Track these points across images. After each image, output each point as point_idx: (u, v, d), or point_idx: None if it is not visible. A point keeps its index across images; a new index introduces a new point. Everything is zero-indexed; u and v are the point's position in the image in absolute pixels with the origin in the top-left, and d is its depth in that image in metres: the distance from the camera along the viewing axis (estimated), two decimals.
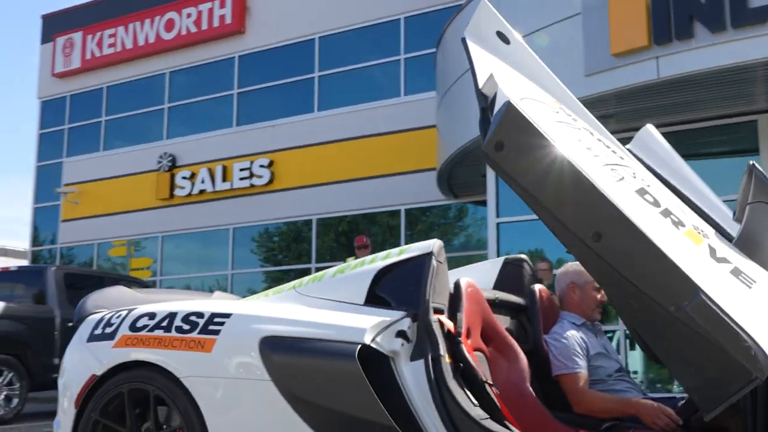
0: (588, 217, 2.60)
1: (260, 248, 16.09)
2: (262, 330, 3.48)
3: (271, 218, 15.60)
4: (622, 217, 2.49)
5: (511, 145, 2.66)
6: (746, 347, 2.29)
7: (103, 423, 3.75)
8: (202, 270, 17.00)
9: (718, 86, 8.60)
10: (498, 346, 3.89)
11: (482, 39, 3.24)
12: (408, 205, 14.14)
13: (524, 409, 3.73)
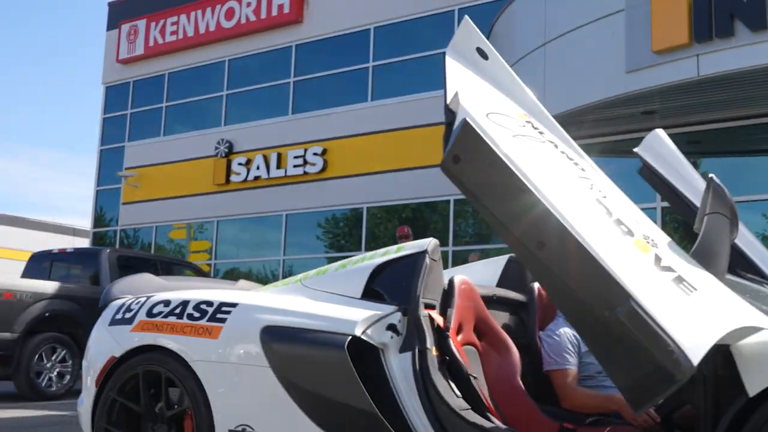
0: (533, 227, 2.77)
1: (313, 235, 16.41)
2: (263, 320, 3.72)
3: (324, 206, 15.86)
4: (563, 228, 2.66)
5: (466, 158, 2.85)
6: (670, 351, 2.44)
7: (120, 401, 4.03)
8: (256, 255, 17.42)
9: (760, 84, 8.54)
10: (491, 341, 4.06)
11: (463, 55, 3.41)
12: (456, 195, 14.26)
13: (513, 401, 3.91)
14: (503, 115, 3.11)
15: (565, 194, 2.80)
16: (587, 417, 3.89)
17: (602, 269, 2.58)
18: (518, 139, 3.00)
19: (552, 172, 2.92)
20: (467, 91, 3.07)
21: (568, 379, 4.06)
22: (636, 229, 2.88)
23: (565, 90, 9.84)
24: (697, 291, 2.70)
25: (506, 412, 3.87)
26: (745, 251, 4.62)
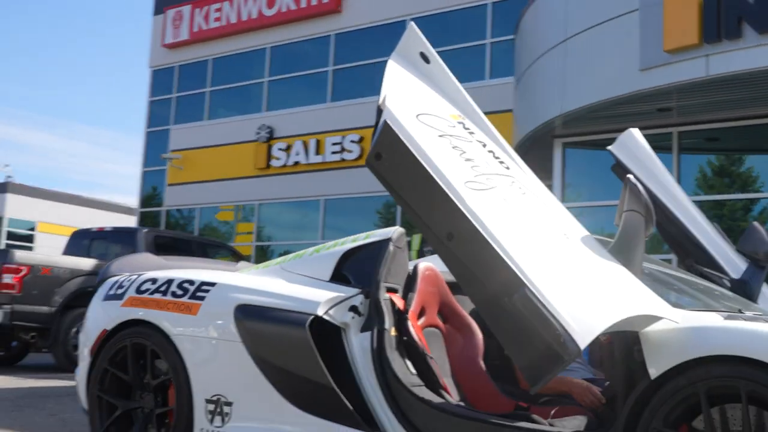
0: (442, 220, 3.05)
1: (350, 219, 16.76)
2: (237, 299, 4.03)
3: (360, 192, 16.17)
4: (468, 222, 2.94)
5: (387, 156, 3.14)
6: (558, 335, 2.70)
7: (111, 371, 4.38)
8: (296, 238, 17.83)
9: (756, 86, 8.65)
10: (455, 324, 4.30)
11: (407, 59, 3.67)
12: None
13: (474, 381, 4.17)
14: (434, 116, 3.36)
15: (476, 190, 3.03)
16: (541, 397, 4.11)
17: (501, 260, 2.85)
18: (443, 139, 3.24)
19: (469, 169, 3.15)
20: (400, 93, 3.33)
21: None
22: (550, 224, 3.10)
23: (583, 86, 9.97)
24: (599, 281, 2.97)
25: (467, 390, 4.13)
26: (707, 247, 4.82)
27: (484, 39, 15.10)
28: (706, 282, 4.54)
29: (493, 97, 14.25)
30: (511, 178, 3.31)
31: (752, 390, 2.79)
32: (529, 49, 11.52)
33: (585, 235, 3.30)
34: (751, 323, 3.01)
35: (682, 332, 3.00)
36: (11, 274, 9.76)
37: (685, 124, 10.27)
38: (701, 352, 2.90)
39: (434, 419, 3.52)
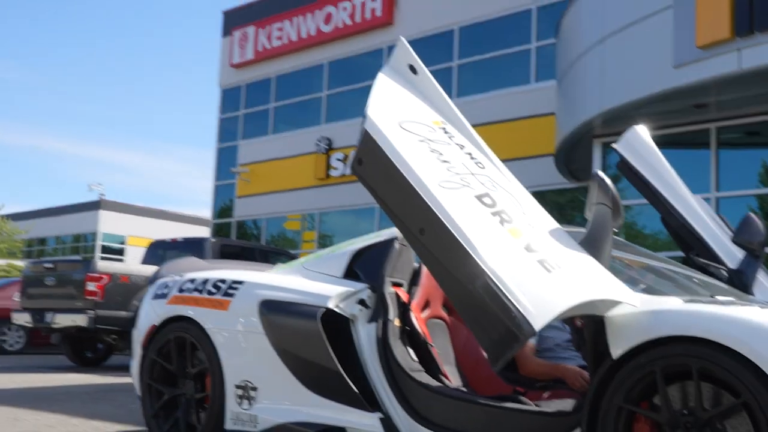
0: (415, 217, 3.43)
1: None
2: (262, 295, 4.56)
3: None
4: (437, 217, 3.32)
5: (368, 161, 3.57)
6: (514, 317, 3.03)
7: (159, 361, 4.97)
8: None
9: None
10: (459, 316, 4.74)
11: (397, 71, 4.10)
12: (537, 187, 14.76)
13: (476, 368, 4.62)
14: (416, 122, 3.78)
15: (449, 189, 3.45)
16: (537, 382, 4.53)
17: (465, 251, 3.22)
18: (423, 143, 3.65)
19: (444, 170, 3.56)
20: (384, 103, 3.78)
21: (525, 350, 4.69)
22: (517, 218, 3.46)
23: (620, 84, 10.24)
24: (560, 269, 3.24)
25: (470, 376, 4.58)
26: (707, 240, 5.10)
27: (529, 44, 15.42)
28: (698, 273, 4.82)
29: (538, 100, 14.59)
30: (485, 176, 3.69)
31: (702, 367, 3.04)
32: (570, 50, 11.84)
33: (553, 227, 3.64)
34: (705, 306, 3.29)
35: (642, 315, 3.28)
36: (94, 282, 10.66)
37: (723, 119, 10.43)
38: (657, 333, 3.17)
39: (430, 401, 3.93)
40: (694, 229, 5.08)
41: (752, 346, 2.93)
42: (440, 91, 4.07)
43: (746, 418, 2.99)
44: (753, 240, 4.76)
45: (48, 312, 10.80)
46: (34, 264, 11.94)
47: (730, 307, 3.22)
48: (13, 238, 41.23)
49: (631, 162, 5.39)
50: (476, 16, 16.42)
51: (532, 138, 14.73)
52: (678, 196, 5.24)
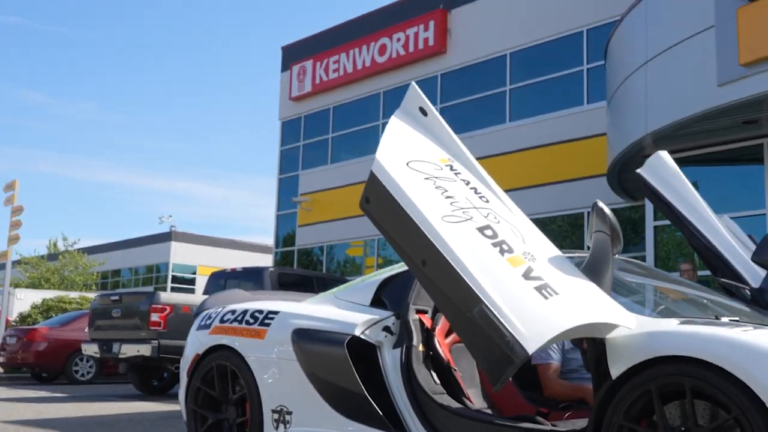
0: (418, 249, 3.64)
1: None
2: (295, 324, 4.81)
3: None
4: (436, 249, 3.53)
5: (374, 199, 3.82)
6: (508, 341, 3.22)
7: (203, 389, 5.26)
8: None
9: None
10: None
11: (408, 114, 4.34)
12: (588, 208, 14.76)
13: (502, 390, 4.76)
14: (423, 161, 4.01)
15: (452, 222, 3.66)
16: (560, 403, 4.67)
17: (463, 280, 3.43)
18: (428, 180, 3.88)
19: (448, 205, 3.77)
20: (393, 145, 4.01)
21: (549, 372, 4.85)
22: (517, 248, 3.64)
23: (665, 105, 10.26)
24: (558, 294, 3.42)
25: (495, 397, 4.74)
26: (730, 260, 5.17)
27: (581, 65, 15.49)
28: (717, 294, 4.90)
29: (591, 121, 14.63)
30: (489, 209, 3.90)
31: (695, 386, 3.17)
32: (616, 72, 11.91)
33: (554, 255, 3.82)
34: (697, 327, 3.42)
35: (639, 336, 3.42)
36: (157, 313, 11.09)
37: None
38: (652, 353, 3.31)
39: (450, 422, 4.10)
40: (718, 250, 5.16)
41: (739, 365, 3.05)
42: (448, 131, 4.30)
43: None
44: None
45: (115, 342, 11.27)
46: (101, 297, 12.47)
47: (721, 328, 3.33)
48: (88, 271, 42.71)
49: (655, 186, 5.49)
50: (528, 41, 16.57)
51: (587, 158, 14.76)
52: (702, 218, 5.32)
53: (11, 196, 18.98)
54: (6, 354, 15.64)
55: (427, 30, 18.38)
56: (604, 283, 3.72)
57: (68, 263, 41.70)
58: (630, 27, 11.46)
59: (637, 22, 11.24)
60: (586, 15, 15.44)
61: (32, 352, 14.98)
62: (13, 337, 15.57)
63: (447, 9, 18.33)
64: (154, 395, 12.04)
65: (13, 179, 19.15)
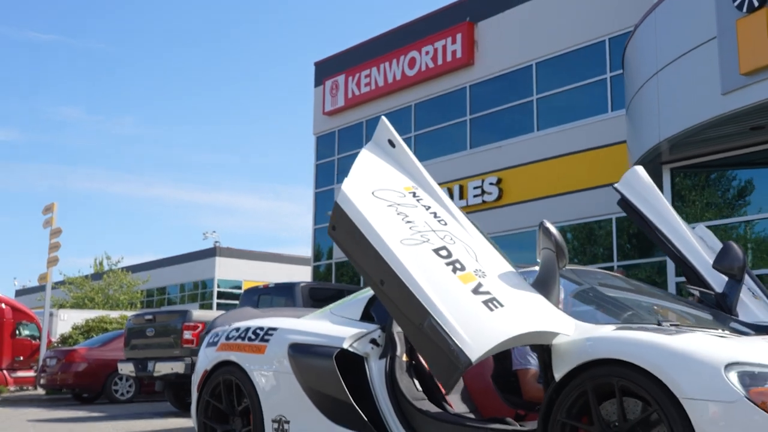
0: (376, 270, 4.02)
1: None
2: (291, 339, 5.23)
3: (501, 230, 17.04)
4: (391, 270, 3.91)
5: (339, 227, 4.19)
6: (453, 350, 3.59)
7: (212, 402, 5.67)
8: None
9: None
10: None
11: (379, 146, 4.73)
12: (617, 214, 14.93)
13: (483, 394, 5.13)
14: (388, 189, 4.39)
15: (409, 245, 4.01)
16: (537, 405, 4.98)
17: (414, 296, 3.80)
18: (391, 207, 4.25)
19: (407, 229, 4.13)
20: (359, 176, 4.39)
21: (528, 376, 5.16)
22: (470, 265, 4.00)
23: (675, 113, 10.47)
24: (503, 307, 3.78)
25: (477, 401, 5.10)
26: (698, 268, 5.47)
27: (605, 74, 15.66)
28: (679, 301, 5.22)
29: (616, 128, 14.78)
30: (446, 232, 4.25)
31: (623, 385, 3.54)
32: (632, 80, 12.12)
33: (505, 271, 4.16)
34: (627, 333, 3.77)
35: (578, 343, 3.81)
36: (190, 330, 11.53)
37: None
38: (588, 357, 3.70)
39: (429, 425, 4.51)
40: (687, 258, 5.49)
41: (655, 364, 3.42)
42: (413, 160, 4.69)
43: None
44: (733, 266, 5.12)
45: (150, 361, 11.69)
46: (136, 316, 12.94)
47: (646, 333, 3.70)
48: (133, 289, 43.57)
49: (631, 200, 5.85)
50: (552, 51, 16.79)
51: (614, 165, 14.90)
52: (672, 229, 5.65)
53: (50, 218, 19.68)
54: (46, 375, 15.92)
55: (454, 43, 18.70)
56: (552, 295, 4.10)
57: (113, 282, 42.58)
58: (642, 38, 11.67)
59: (648, 33, 11.45)
60: (608, 24, 15.62)
61: (71, 372, 15.30)
62: (53, 359, 15.92)
63: (474, 21, 18.63)
64: (188, 411, 12.45)
65: (51, 202, 19.84)
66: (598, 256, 15.58)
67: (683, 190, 11.82)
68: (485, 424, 4.40)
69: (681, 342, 3.49)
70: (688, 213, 11.68)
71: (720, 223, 11.43)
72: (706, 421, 3.25)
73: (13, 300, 22.70)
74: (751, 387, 3.24)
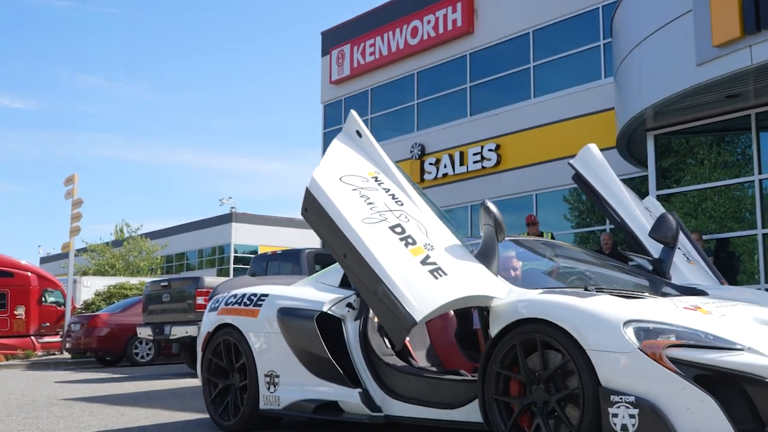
0: (340, 245, 4.68)
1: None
2: (280, 304, 5.93)
3: (500, 195, 17.65)
4: (352, 245, 4.56)
5: (310, 209, 4.85)
6: (401, 312, 4.27)
7: (214, 360, 6.41)
8: None
9: None
10: None
11: (348, 135, 5.37)
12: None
13: (447, 350, 5.86)
14: (354, 175, 5.04)
15: (369, 223, 4.68)
16: None
17: (370, 267, 4.47)
18: (355, 191, 4.90)
19: (368, 209, 4.79)
20: (329, 163, 5.04)
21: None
22: (420, 240, 4.66)
23: (655, 83, 10.98)
24: (447, 276, 4.45)
25: (442, 356, 5.83)
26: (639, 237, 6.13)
27: (598, 41, 16.13)
28: (613, 269, 5.89)
29: (608, 95, 15.27)
30: (401, 211, 4.91)
31: (544, 340, 4.22)
32: (619, 49, 12.61)
33: (452, 244, 4.82)
34: (548, 295, 4.46)
35: (510, 305, 4.50)
36: (202, 296, 12.30)
37: (760, 105, 11.00)
38: (516, 317, 4.39)
39: (394, 377, 5.24)
40: (630, 228, 6.15)
41: (567, 320, 4.13)
42: (377, 148, 5.35)
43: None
44: (667, 234, 5.76)
45: (166, 325, 12.58)
46: (152, 283, 13.78)
47: (564, 296, 4.39)
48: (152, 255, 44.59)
49: (583, 174, 6.51)
50: (549, 19, 17.25)
51: (606, 131, 15.43)
52: (619, 201, 6.31)
53: (71, 189, 20.49)
54: (71, 340, 17.06)
55: (455, 12, 19.17)
56: (492, 264, 4.77)
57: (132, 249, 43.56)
58: (627, 7, 12.14)
59: (631, 4, 11.93)
60: None
61: (95, 337, 16.36)
62: (77, 324, 17.00)
63: None
64: None
65: (73, 173, 20.64)
66: (589, 221, 16.22)
67: (696, 146, 12.32)
68: (440, 375, 5.15)
69: (590, 303, 4.17)
70: (697, 172, 12.20)
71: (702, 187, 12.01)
72: (607, 368, 3.94)
73: (38, 268, 23.66)
74: (644, 340, 3.92)
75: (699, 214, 12.13)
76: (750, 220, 11.39)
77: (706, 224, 11.89)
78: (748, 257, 11.66)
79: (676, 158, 12.57)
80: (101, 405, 8.24)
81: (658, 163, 12.36)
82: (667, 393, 3.81)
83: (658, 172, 12.37)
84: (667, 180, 12.48)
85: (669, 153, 12.58)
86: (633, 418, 3.84)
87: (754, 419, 3.84)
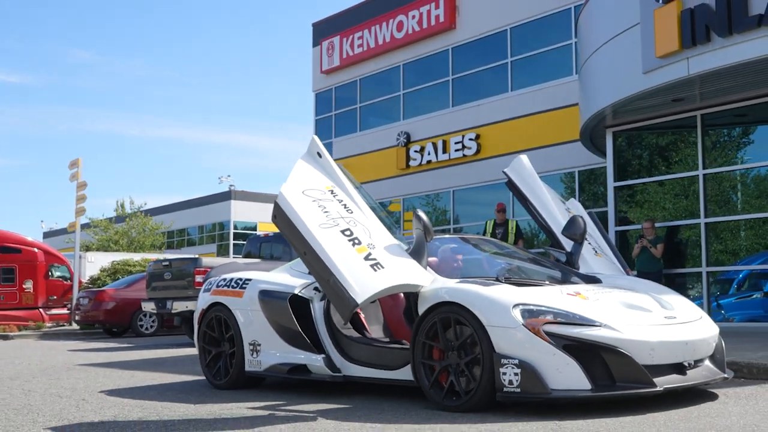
0: (301, 246, 5.89)
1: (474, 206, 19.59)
2: (261, 286, 7.21)
3: (479, 181, 18.94)
4: (309, 245, 5.78)
5: (278, 217, 6.07)
6: (346, 296, 5.49)
7: (208, 332, 7.69)
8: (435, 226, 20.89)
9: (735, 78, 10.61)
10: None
11: (310, 155, 6.59)
12: (581, 167, 16.81)
13: (397, 324, 7.11)
14: (314, 189, 6.26)
15: (324, 228, 5.91)
16: None
17: (323, 263, 5.71)
18: (314, 202, 6.11)
19: (323, 216, 6.01)
20: (295, 180, 6.26)
21: None
22: (365, 240, 5.89)
23: (609, 86, 12.22)
24: (384, 269, 5.70)
25: (393, 330, 7.10)
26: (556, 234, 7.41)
27: (570, 39, 17.31)
28: (532, 263, 7.16)
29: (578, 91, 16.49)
30: (351, 218, 6.15)
31: (457, 318, 5.53)
32: (586, 43, 13.75)
33: (390, 243, 6.08)
34: (462, 285, 5.75)
35: (433, 291, 5.81)
36: (201, 275, 13.57)
37: (704, 108, 12.26)
38: (437, 300, 5.71)
39: (350, 346, 6.53)
40: (550, 227, 7.44)
41: (473, 303, 5.45)
42: (334, 167, 6.55)
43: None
44: (576, 233, 7.05)
45: (168, 300, 13.89)
46: (155, 262, 15.11)
47: (473, 285, 5.69)
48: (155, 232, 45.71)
49: (515, 181, 7.78)
50: (525, 17, 18.42)
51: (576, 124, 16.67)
52: (543, 204, 7.61)
53: (75, 173, 21.72)
54: (80, 313, 18.63)
55: (438, 8, 20.32)
56: (422, 260, 6.05)
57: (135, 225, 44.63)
58: (588, 14, 13.34)
59: (591, 11, 13.14)
60: None
61: (102, 310, 17.90)
62: (85, 298, 18.52)
63: None
64: None
65: (77, 157, 21.85)
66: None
67: (650, 143, 13.60)
68: (386, 344, 6.49)
69: (490, 291, 5.49)
70: (651, 167, 13.48)
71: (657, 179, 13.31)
72: (500, 339, 5.26)
73: (44, 244, 24.97)
74: (528, 318, 5.24)
75: (653, 205, 13.42)
76: (694, 209, 12.67)
77: (659, 213, 13.20)
78: (692, 243, 12.94)
79: (632, 153, 13.84)
80: (113, 369, 9.57)
81: (616, 157, 13.62)
82: (542, 357, 5.14)
83: (616, 166, 13.64)
84: (624, 173, 13.75)
85: (627, 148, 13.85)
86: (517, 375, 5.16)
87: (608, 377, 5.17)
